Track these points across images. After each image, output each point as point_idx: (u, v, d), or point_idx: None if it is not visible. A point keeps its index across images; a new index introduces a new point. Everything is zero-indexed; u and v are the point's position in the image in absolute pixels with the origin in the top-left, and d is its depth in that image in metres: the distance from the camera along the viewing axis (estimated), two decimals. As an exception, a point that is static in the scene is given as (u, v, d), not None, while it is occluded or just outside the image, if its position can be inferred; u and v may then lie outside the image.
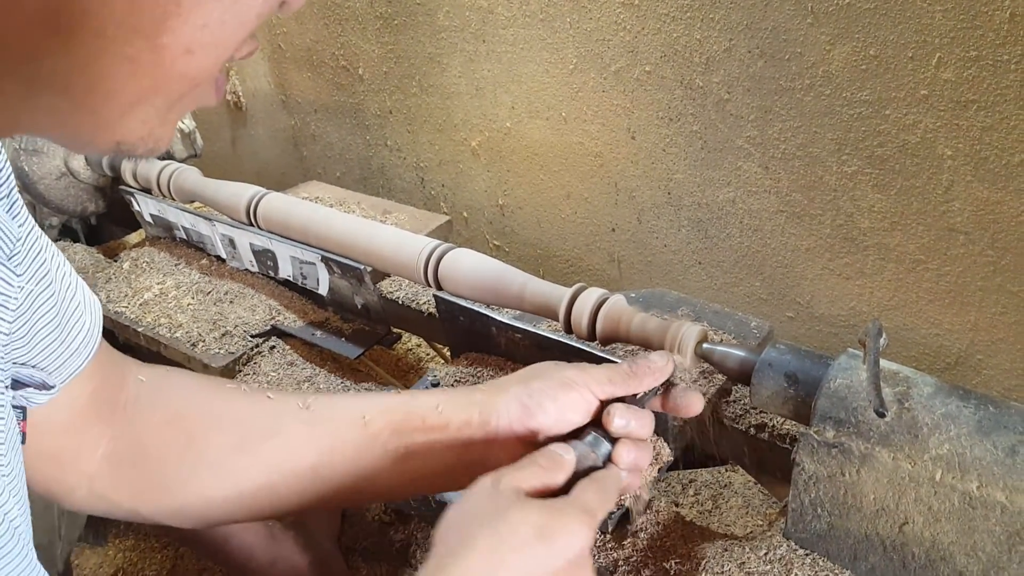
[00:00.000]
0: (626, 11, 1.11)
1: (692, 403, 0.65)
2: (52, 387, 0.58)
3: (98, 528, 1.33)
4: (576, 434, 0.60)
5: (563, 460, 0.55)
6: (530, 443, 0.61)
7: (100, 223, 1.56)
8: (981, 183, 0.91)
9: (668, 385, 0.66)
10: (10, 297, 0.49)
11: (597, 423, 0.61)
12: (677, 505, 1.02)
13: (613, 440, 0.59)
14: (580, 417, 0.61)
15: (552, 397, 0.61)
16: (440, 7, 1.33)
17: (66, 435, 0.61)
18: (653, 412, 0.63)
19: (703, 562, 0.70)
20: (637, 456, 0.59)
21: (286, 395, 0.69)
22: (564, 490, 0.54)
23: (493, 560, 0.48)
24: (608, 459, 0.59)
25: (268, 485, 0.64)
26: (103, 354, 0.63)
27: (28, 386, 0.56)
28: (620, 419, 0.59)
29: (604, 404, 0.62)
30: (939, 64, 0.88)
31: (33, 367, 0.56)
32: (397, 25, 1.42)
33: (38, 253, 0.56)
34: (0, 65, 0.34)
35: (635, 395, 0.63)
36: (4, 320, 0.48)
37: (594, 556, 0.74)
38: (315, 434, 0.64)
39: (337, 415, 0.65)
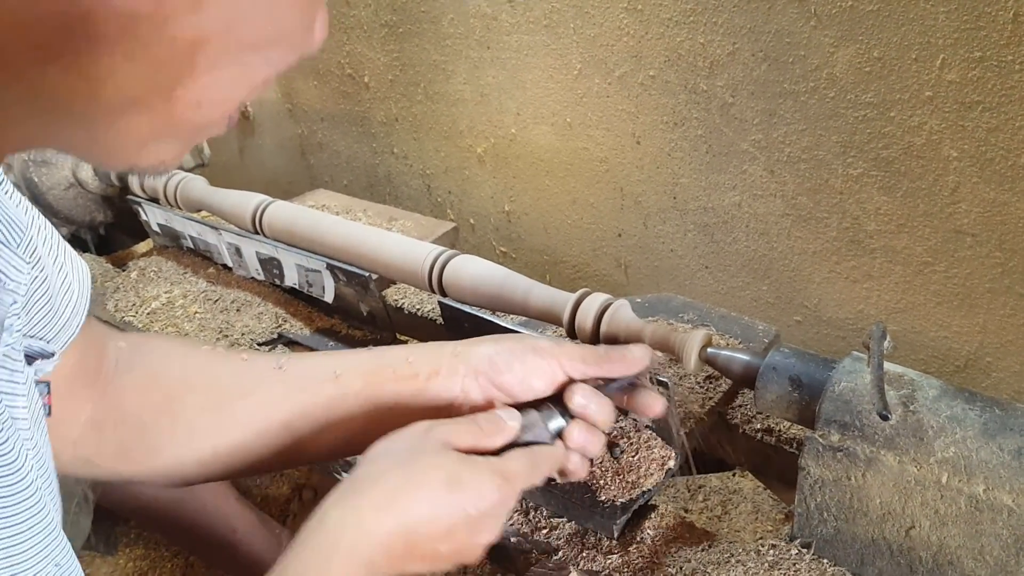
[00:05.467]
0: (629, 16, 1.11)
1: (653, 404, 0.65)
2: (53, 354, 0.59)
3: (108, 537, 1.33)
4: (535, 405, 0.61)
5: (504, 425, 0.57)
6: (495, 400, 0.63)
7: (109, 233, 1.56)
8: (988, 184, 0.91)
9: (635, 385, 0.66)
10: (20, 283, 0.50)
11: (558, 400, 0.61)
12: (686, 511, 1.01)
13: (570, 418, 0.60)
14: (544, 385, 0.62)
15: (521, 359, 0.62)
16: (444, 14, 1.34)
17: (54, 404, 0.62)
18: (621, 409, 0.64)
19: (709, 567, 0.70)
20: (588, 440, 0.60)
21: (260, 356, 0.70)
22: (498, 455, 0.55)
23: (397, 497, 0.51)
24: (558, 436, 0.59)
25: (243, 443, 0.65)
26: (85, 323, 0.64)
27: (36, 358, 0.57)
28: (581, 398, 0.60)
29: (572, 383, 0.63)
30: (943, 65, 0.88)
31: (35, 337, 0.57)
32: (402, 33, 1.43)
33: (31, 239, 0.57)
34: (33, 107, 0.36)
35: (603, 383, 0.64)
36: (16, 304, 0.49)
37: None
38: (288, 391, 0.66)
39: (309, 372, 0.67)
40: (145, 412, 0.66)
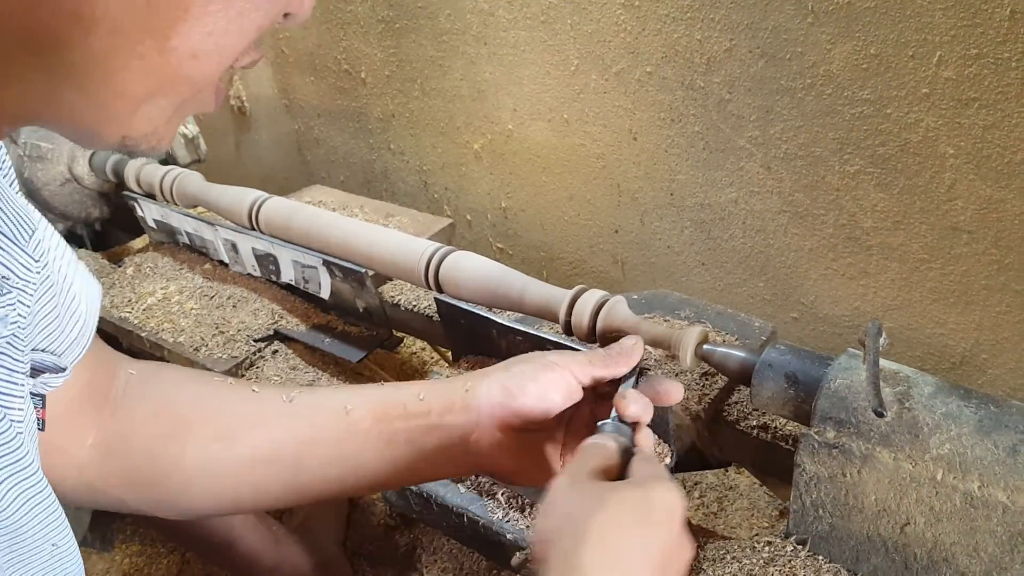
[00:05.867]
0: (626, 12, 1.11)
1: (670, 390, 0.64)
2: (65, 368, 0.58)
3: (105, 533, 1.34)
4: (591, 431, 0.60)
5: (607, 448, 0.55)
6: (512, 427, 0.62)
7: (105, 229, 1.56)
8: (984, 181, 0.91)
9: (641, 374, 0.66)
10: (29, 283, 0.50)
11: (584, 407, 0.61)
12: (682, 507, 1.01)
13: (629, 426, 0.60)
14: (561, 397, 0.62)
15: (533, 378, 0.62)
16: (441, 10, 1.33)
17: (58, 425, 0.61)
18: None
19: (704, 564, 0.70)
20: (651, 443, 0.60)
21: (270, 388, 0.69)
22: (620, 477, 0.54)
23: (612, 545, 0.47)
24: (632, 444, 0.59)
25: (250, 476, 0.65)
26: (95, 347, 0.64)
27: (44, 372, 0.57)
28: (635, 405, 0.59)
29: (585, 388, 0.63)
30: (940, 62, 0.88)
31: (44, 351, 0.56)
32: (399, 29, 1.43)
33: (40, 241, 0.56)
34: (27, 57, 0.36)
35: (615, 382, 0.64)
36: (24, 304, 0.49)
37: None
38: (297, 425, 0.65)
39: (319, 406, 0.66)
40: (154, 439, 0.65)
